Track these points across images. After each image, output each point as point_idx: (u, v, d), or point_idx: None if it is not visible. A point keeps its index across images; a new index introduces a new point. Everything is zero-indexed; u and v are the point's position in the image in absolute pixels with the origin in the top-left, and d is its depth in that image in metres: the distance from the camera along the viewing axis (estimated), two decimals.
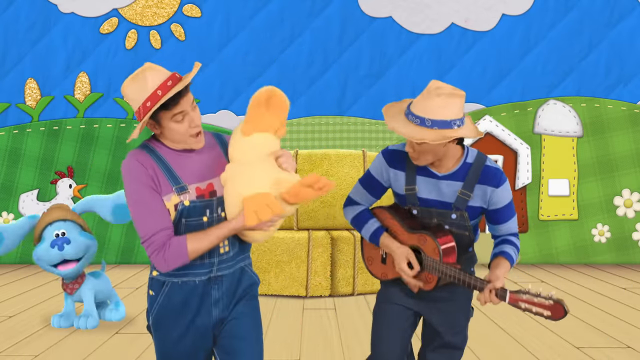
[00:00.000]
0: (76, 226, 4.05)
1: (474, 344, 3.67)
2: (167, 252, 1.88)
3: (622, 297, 4.86)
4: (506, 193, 2.17)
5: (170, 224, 1.91)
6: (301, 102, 6.28)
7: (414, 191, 2.20)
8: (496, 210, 2.18)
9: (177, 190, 1.93)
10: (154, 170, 1.93)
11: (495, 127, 6.21)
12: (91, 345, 3.64)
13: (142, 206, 1.92)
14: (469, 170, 2.14)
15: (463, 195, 2.14)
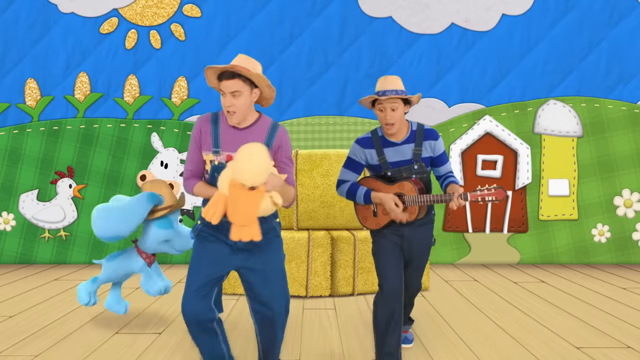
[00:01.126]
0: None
1: (474, 343, 3.67)
2: (185, 183, 2.89)
3: (622, 297, 4.86)
4: (441, 144, 3.26)
5: (196, 168, 2.89)
6: (301, 102, 6.28)
7: (384, 159, 3.20)
8: (438, 156, 3.24)
9: (213, 151, 2.82)
10: (203, 131, 2.85)
11: (495, 127, 6.21)
12: (91, 345, 3.64)
13: (189, 149, 2.91)
14: (415, 134, 3.21)
15: (417, 151, 3.19)
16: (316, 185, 5.14)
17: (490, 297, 4.87)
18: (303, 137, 6.28)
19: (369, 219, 3.26)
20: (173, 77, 6.29)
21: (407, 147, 3.18)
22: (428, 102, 6.25)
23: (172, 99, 6.29)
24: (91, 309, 4.50)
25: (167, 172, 6.28)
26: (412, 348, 3.60)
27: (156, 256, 4.17)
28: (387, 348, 3.16)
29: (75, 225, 6.29)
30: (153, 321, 4.17)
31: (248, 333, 3.90)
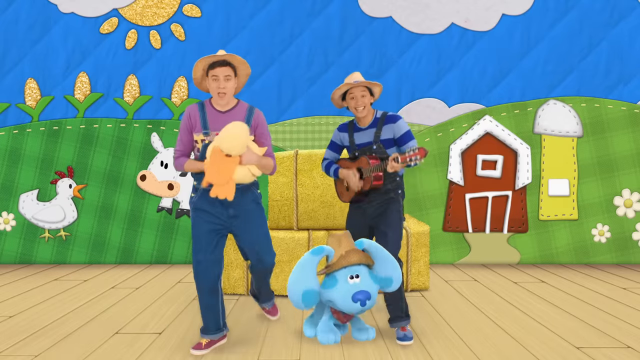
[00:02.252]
0: (367, 269, 3.70)
1: (474, 343, 3.67)
2: (176, 161, 3.57)
3: (622, 297, 4.86)
4: (402, 125, 3.81)
5: (185, 148, 3.59)
6: (301, 102, 6.28)
7: (353, 141, 3.93)
8: (400, 137, 3.79)
9: (203, 132, 3.51)
10: (192, 116, 3.53)
11: (495, 127, 6.21)
12: (91, 345, 3.64)
13: (180, 134, 3.57)
14: (378, 120, 3.87)
15: (377, 133, 3.84)
16: (316, 185, 5.14)
17: (490, 297, 4.87)
18: (303, 137, 6.28)
19: (344, 193, 4.04)
20: (173, 77, 6.29)
21: (370, 131, 3.86)
22: (428, 102, 6.25)
23: (172, 99, 6.29)
24: (91, 309, 4.51)
25: (167, 172, 6.28)
26: (412, 348, 3.60)
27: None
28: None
29: (75, 225, 6.29)
30: (153, 321, 4.17)
31: (248, 332, 3.90)
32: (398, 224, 3.82)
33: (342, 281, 3.59)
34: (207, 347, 3.55)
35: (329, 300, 3.64)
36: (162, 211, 6.29)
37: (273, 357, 3.44)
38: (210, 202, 3.54)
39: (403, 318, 3.77)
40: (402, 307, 3.77)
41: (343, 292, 3.57)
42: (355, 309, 3.57)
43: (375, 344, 3.68)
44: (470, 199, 6.24)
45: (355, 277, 3.61)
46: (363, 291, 3.56)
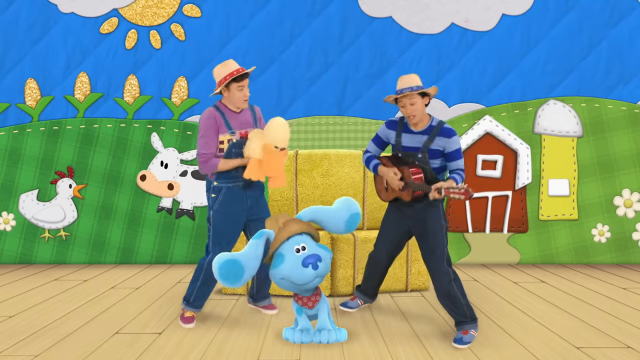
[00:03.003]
0: (311, 237, 3.68)
1: (474, 343, 3.66)
2: (207, 163, 3.87)
3: (622, 297, 4.86)
4: (455, 142, 3.71)
5: (213, 151, 3.88)
6: (301, 102, 6.28)
7: (399, 141, 3.84)
8: (449, 153, 3.72)
9: (230, 132, 3.90)
10: (218, 120, 3.88)
11: (495, 127, 6.21)
12: (91, 345, 3.64)
13: (205, 138, 3.86)
14: (432, 129, 3.75)
15: (427, 142, 3.73)
16: (316, 185, 5.14)
17: (490, 297, 4.87)
18: (303, 137, 6.28)
19: (383, 192, 4.05)
20: (173, 77, 6.29)
21: (421, 137, 3.75)
22: None
23: (172, 99, 6.29)
24: (91, 309, 4.51)
25: (167, 172, 6.28)
26: (412, 348, 3.60)
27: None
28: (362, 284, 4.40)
29: (75, 225, 6.29)
30: (153, 321, 4.17)
31: (248, 332, 3.90)
32: (440, 232, 3.77)
33: (289, 254, 3.54)
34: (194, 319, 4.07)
35: (282, 279, 3.56)
36: (162, 211, 6.29)
37: (273, 357, 3.44)
38: (234, 196, 3.94)
39: (467, 322, 3.69)
40: (464, 311, 3.70)
41: (292, 262, 3.51)
42: (309, 274, 3.50)
43: (375, 344, 3.68)
44: (470, 199, 6.24)
45: (301, 249, 3.56)
46: (313, 254, 3.53)
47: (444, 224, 3.80)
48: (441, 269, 3.70)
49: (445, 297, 3.72)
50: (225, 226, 3.96)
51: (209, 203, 3.99)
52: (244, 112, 4.04)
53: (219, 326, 4.05)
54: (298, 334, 3.69)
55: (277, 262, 3.58)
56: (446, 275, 3.69)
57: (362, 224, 5.23)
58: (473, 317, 3.72)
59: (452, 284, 3.69)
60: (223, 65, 3.90)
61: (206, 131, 3.86)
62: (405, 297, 4.88)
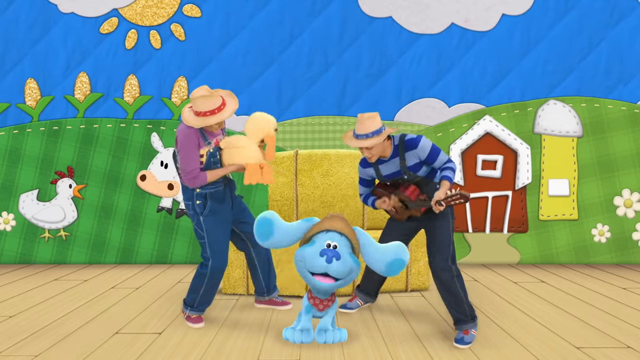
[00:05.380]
0: (349, 245, 3.67)
1: (474, 343, 3.66)
2: (197, 179, 3.85)
3: (622, 297, 4.86)
4: (425, 147, 3.68)
5: (198, 165, 3.86)
6: (301, 102, 6.28)
7: (380, 173, 3.86)
8: (426, 158, 3.70)
9: (207, 144, 3.89)
10: (198, 135, 3.85)
11: (495, 127, 6.21)
12: (91, 345, 3.64)
13: (190, 155, 3.84)
14: (398, 149, 3.74)
15: (402, 163, 3.74)
16: (316, 185, 5.14)
17: (490, 297, 4.87)
18: (303, 137, 6.28)
19: (394, 214, 4.01)
20: (173, 77, 6.29)
21: (394, 161, 3.78)
22: (428, 102, 6.25)
23: (172, 99, 6.29)
24: (91, 309, 4.51)
25: (167, 172, 6.28)
26: (412, 348, 3.60)
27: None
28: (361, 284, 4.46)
29: (75, 225, 6.29)
30: (153, 321, 4.17)
31: (248, 332, 3.90)
32: (447, 230, 3.78)
33: (318, 244, 3.61)
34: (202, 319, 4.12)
35: (300, 260, 3.64)
36: (162, 211, 6.29)
37: (273, 357, 3.44)
38: (219, 200, 3.98)
39: (467, 321, 3.70)
40: (464, 310, 3.71)
41: (314, 249, 3.60)
42: (320, 264, 3.54)
43: (375, 344, 3.68)
44: (470, 199, 6.24)
45: (332, 246, 3.60)
46: (334, 250, 3.58)
47: (450, 220, 3.81)
48: (445, 267, 3.70)
49: (447, 293, 3.73)
50: (220, 228, 4.00)
51: (197, 210, 3.94)
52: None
53: (219, 326, 4.05)
54: (298, 334, 3.69)
55: (307, 245, 3.67)
56: (449, 273, 3.70)
57: (362, 224, 5.23)
58: (473, 316, 3.72)
59: (454, 281, 3.70)
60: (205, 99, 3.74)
61: (189, 147, 3.83)
62: (405, 297, 4.88)
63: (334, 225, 3.65)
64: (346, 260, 3.58)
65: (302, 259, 3.63)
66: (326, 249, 3.58)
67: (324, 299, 3.71)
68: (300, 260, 3.65)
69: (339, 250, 3.60)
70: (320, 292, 3.67)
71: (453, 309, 3.74)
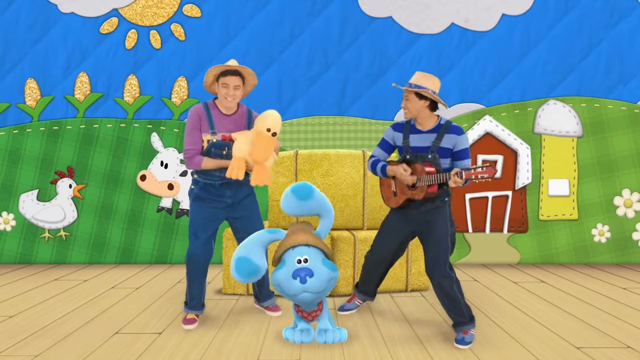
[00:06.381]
0: (320, 252, 3.60)
1: (474, 343, 3.66)
2: (192, 160, 3.84)
3: (622, 297, 4.86)
4: (464, 140, 3.68)
5: (197, 147, 3.85)
6: (301, 102, 6.28)
7: (408, 143, 3.76)
8: (458, 151, 3.68)
9: (211, 132, 3.86)
10: (202, 117, 3.86)
11: (495, 127, 6.21)
12: (91, 345, 3.64)
13: (190, 134, 3.85)
14: (441, 127, 3.70)
15: (436, 142, 3.67)
16: (316, 185, 5.14)
17: (490, 297, 4.87)
18: (303, 137, 6.28)
19: (391, 198, 3.93)
20: (173, 77, 6.29)
21: (429, 136, 3.70)
22: None
23: (172, 99, 6.29)
24: (91, 309, 4.51)
25: (167, 172, 6.28)
26: (412, 348, 3.60)
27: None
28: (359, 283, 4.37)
29: (75, 225, 6.29)
30: (153, 321, 4.17)
31: (248, 332, 3.90)
32: (445, 237, 3.72)
33: (289, 262, 3.54)
34: (195, 321, 4.03)
35: (277, 285, 3.58)
36: (162, 211, 6.29)
37: (273, 357, 3.44)
38: (211, 192, 3.95)
39: (466, 322, 3.69)
40: (463, 312, 3.70)
41: (286, 272, 3.52)
42: (296, 287, 3.48)
43: (375, 344, 3.68)
44: (470, 199, 6.24)
45: (303, 260, 3.52)
46: (305, 268, 3.49)
47: (449, 229, 3.74)
48: (445, 274, 3.68)
49: (447, 299, 3.72)
50: (200, 219, 3.96)
51: (189, 193, 4.03)
52: (237, 116, 3.96)
53: (219, 326, 4.05)
54: (298, 334, 3.69)
55: (277, 268, 3.62)
56: (449, 280, 3.68)
57: (362, 224, 5.23)
58: (471, 316, 3.72)
59: (454, 288, 3.69)
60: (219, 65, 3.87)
61: (190, 128, 3.86)
62: (405, 297, 4.88)
63: (297, 240, 3.57)
64: (321, 273, 3.51)
65: (278, 284, 3.58)
66: (298, 270, 3.49)
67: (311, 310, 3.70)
68: (277, 285, 3.59)
69: (310, 263, 3.52)
70: (305, 305, 3.66)
71: (452, 312, 3.73)
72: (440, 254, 3.68)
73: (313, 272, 3.49)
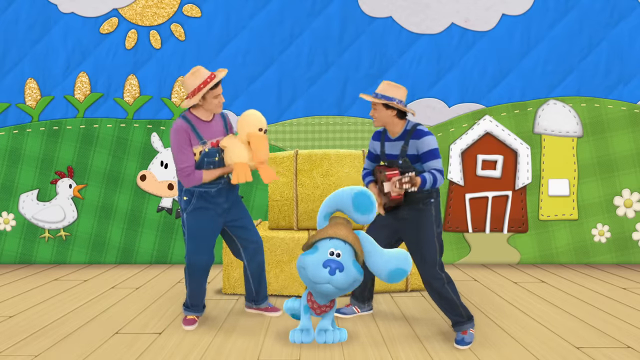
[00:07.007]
0: (353, 252, 3.58)
1: (474, 343, 3.66)
2: (191, 177, 3.79)
3: (622, 297, 4.86)
4: (426, 143, 3.65)
5: (193, 163, 3.80)
6: (301, 102, 6.28)
7: (383, 151, 3.89)
8: (422, 154, 3.67)
9: (201, 143, 3.82)
10: (188, 131, 3.78)
11: (495, 127, 6.21)
12: (91, 345, 3.64)
13: (181, 152, 3.77)
14: (407, 133, 3.76)
15: (404, 147, 3.75)
16: (316, 185, 5.14)
17: (490, 297, 4.87)
18: (303, 137, 6.28)
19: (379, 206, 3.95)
20: (173, 77, 6.29)
21: (398, 143, 3.80)
22: (428, 102, 6.25)
23: (172, 99, 6.29)
24: (91, 309, 4.51)
25: (167, 172, 6.28)
26: (412, 348, 3.60)
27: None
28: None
29: (75, 225, 6.29)
30: (153, 321, 4.17)
31: (248, 332, 3.90)
32: (431, 238, 3.73)
33: (322, 251, 3.53)
34: (195, 322, 4.05)
35: (302, 267, 3.57)
36: (162, 211, 6.29)
37: (273, 357, 3.44)
38: (208, 200, 3.92)
39: (464, 322, 3.70)
40: (460, 312, 3.70)
41: (317, 258, 3.51)
42: (323, 275, 3.47)
43: (375, 344, 3.68)
44: (470, 199, 6.24)
45: (336, 255, 3.51)
46: (336, 261, 3.49)
47: (435, 230, 3.75)
48: (435, 275, 3.69)
49: (440, 299, 3.72)
50: (199, 229, 3.93)
51: (182, 205, 3.94)
52: (215, 120, 3.95)
53: (219, 326, 4.05)
54: (298, 334, 3.69)
55: (309, 252, 3.60)
56: (439, 281, 3.69)
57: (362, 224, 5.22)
58: (469, 315, 3.72)
59: (446, 288, 3.69)
60: (193, 75, 3.78)
61: (180, 145, 3.78)
62: (405, 297, 4.88)
63: (337, 233, 3.56)
64: (350, 271, 3.52)
65: (304, 266, 3.56)
66: (329, 260, 3.50)
67: (322, 304, 3.69)
68: (302, 267, 3.58)
69: (342, 259, 3.52)
70: (321, 297, 3.65)
71: (449, 312, 3.73)
72: (426, 255, 3.70)
73: (344, 267, 3.50)
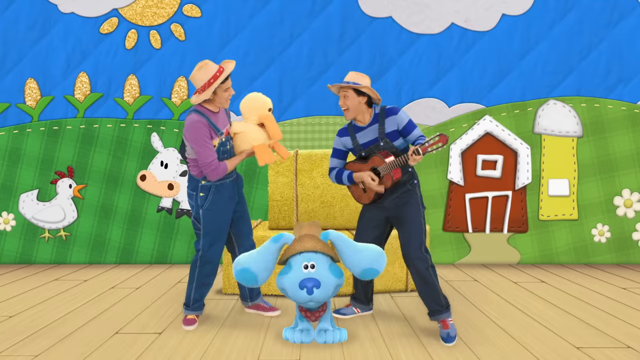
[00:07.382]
0: (327, 257, 3.57)
1: (474, 343, 3.67)
2: (218, 169, 3.80)
3: (622, 297, 4.86)
4: (404, 115, 3.77)
5: (215, 154, 3.82)
6: (301, 102, 6.28)
7: (357, 142, 3.90)
8: (403, 127, 3.76)
9: (219, 134, 3.88)
10: (207, 126, 3.80)
11: (495, 127, 6.21)
12: (91, 345, 3.64)
13: (204, 146, 3.77)
14: (378, 116, 3.83)
15: (380, 129, 3.79)
16: (316, 185, 5.14)
17: (490, 297, 4.87)
18: (303, 137, 6.28)
19: (362, 196, 3.96)
20: (173, 77, 6.29)
21: (372, 127, 3.83)
22: (428, 102, 6.25)
23: (172, 99, 6.29)
24: (91, 309, 4.51)
25: (167, 172, 6.28)
26: (412, 348, 3.60)
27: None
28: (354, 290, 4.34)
29: (75, 225, 6.29)
30: (153, 321, 4.17)
31: (248, 332, 3.90)
32: (418, 218, 3.79)
33: (296, 269, 3.52)
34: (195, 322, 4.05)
35: (282, 289, 3.59)
36: (162, 211, 6.29)
37: (273, 357, 3.44)
38: (223, 194, 3.97)
39: (442, 311, 3.73)
40: (440, 300, 3.74)
41: (293, 279, 3.49)
42: (302, 297, 3.48)
43: (375, 344, 3.68)
44: (470, 199, 6.24)
45: (310, 267, 3.51)
46: (311, 278, 3.47)
47: (421, 209, 3.83)
48: (419, 256, 3.71)
49: (423, 283, 3.73)
50: (217, 224, 3.98)
51: (198, 202, 3.95)
52: (221, 112, 4.02)
53: (219, 326, 4.05)
54: (298, 334, 3.69)
55: (283, 271, 3.60)
56: (424, 262, 3.71)
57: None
58: (447, 304, 3.78)
59: (429, 271, 3.72)
60: (200, 69, 3.78)
61: (203, 140, 3.77)
62: (405, 297, 4.88)
63: (304, 247, 3.55)
64: (327, 282, 3.50)
65: (284, 288, 3.57)
66: (305, 279, 3.48)
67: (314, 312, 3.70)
68: (282, 289, 3.60)
69: (317, 270, 3.51)
70: (309, 306, 3.66)
71: (429, 299, 3.76)
72: (413, 234, 3.73)
73: (320, 282, 3.48)
